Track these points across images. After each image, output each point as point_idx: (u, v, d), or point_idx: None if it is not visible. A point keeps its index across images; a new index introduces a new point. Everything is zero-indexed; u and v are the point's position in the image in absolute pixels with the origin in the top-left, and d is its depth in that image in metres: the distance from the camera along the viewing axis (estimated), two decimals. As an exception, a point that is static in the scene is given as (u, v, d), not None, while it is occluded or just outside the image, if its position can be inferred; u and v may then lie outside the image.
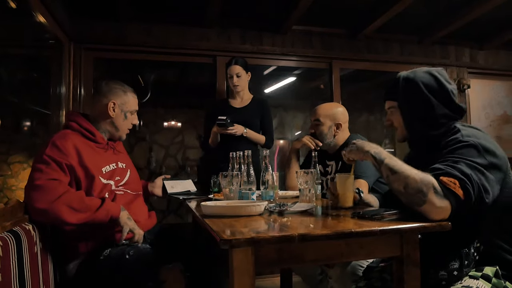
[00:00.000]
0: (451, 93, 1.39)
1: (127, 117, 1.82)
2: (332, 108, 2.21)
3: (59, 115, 2.95)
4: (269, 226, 1.22)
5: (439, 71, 1.42)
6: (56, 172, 1.51)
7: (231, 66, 2.82)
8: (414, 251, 1.15)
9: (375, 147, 1.34)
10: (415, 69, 1.45)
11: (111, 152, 1.80)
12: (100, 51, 3.22)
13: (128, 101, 1.81)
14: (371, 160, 1.32)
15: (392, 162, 1.25)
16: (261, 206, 1.38)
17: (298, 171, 1.64)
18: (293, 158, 2.34)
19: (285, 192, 2.14)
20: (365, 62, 3.83)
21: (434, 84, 1.38)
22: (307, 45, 3.62)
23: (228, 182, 1.70)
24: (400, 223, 1.14)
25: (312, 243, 1.06)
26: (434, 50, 3.99)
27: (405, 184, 1.18)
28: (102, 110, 1.77)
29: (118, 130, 1.81)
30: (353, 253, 1.12)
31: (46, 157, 1.52)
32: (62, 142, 1.58)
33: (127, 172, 1.82)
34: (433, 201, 1.14)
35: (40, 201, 1.43)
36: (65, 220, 1.44)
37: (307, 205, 1.51)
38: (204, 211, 1.40)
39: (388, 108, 1.50)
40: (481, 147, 1.22)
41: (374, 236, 1.11)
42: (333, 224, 1.20)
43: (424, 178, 1.16)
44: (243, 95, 2.91)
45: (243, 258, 0.99)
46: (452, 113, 1.37)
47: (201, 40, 3.35)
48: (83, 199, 1.50)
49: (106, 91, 1.78)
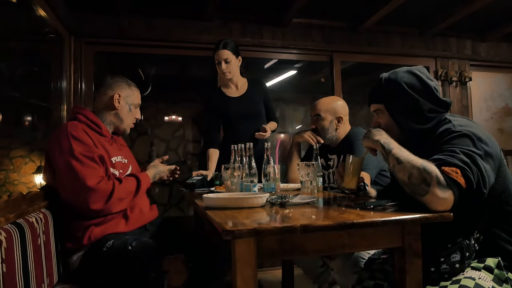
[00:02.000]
0: (434, 89, 1.41)
1: (131, 110, 1.86)
2: (332, 102, 2.21)
3: (60, 110, 2.95)
4: (271, 217, 1.23)
5: (420, 69, 1.45)
6: (95, 170, 1.56)
7: (218, 51, 2.48)
8: (415, 242, 1.15)
9: (386, 137, 1.35)
10: (396, 69, 1.47)
11: (115, 146, 1.84)
12: (101, 45, 3.21)
13: (132, 94, 1.86)
14: (380, 149, 1.32)
15: (399, 152, 1.26)
16: (263, 198, 1.39)
17: (299, 163, 1.64)
18: (295, 151, 2.34)
19: (287, 185, 2.14)
20: (366, 55, 3.82)
21: (416, 82, 1.40)
22: (307, 38, 3.61)
23: (230, 175, 1.70)
24: (402, 214, 1.14)
25: (314, 234, 1.07)
26: (436, 42, 3.97)
27: (409, 174, 1.19)
28: (107, 102, 1.81)
29: (123, 122, 1.85)
30: (355, 244, 1.13)
31: (79, 154, 1.56)
32: (79, 133, 1.62)
33: (129, 167, 1.85)
34: (436, 192, 1.14)
35: (96, 203, 1.54)
36: (113, 211, 1.61)
37: (308, 197, 1.51)
38: (206, 203, 1.40)
39: (374, 111, 1.51)
40: (474, 137, 1.23)
41: (376, 227, 1.11)
42: (335, 215, 1.20)
43: (427, 168, 1.17)
44: (236, 82, 2.62)
45: (246, 249, 0.99)
46: (438, 108, 1.39)
47: (202, 34, 3.34)
48: (126, 188, 1.64)
49: (111, 84, 1.83)
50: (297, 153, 2.34)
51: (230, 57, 2.48)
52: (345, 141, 2.17)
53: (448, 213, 1.14)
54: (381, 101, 1.46)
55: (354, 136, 2.12)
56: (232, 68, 2.52)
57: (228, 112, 2.57)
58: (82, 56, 3.11)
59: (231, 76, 2.55)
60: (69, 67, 3.03)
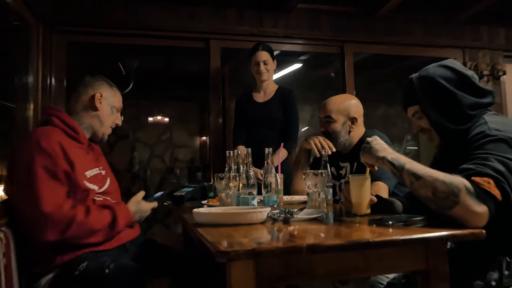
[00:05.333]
0: (472, 78, 1.44)
1: (113, 113, 1.90)
2: (345, 101, 2.21)
3: (26, 109, 2.95)
4: (272, 235, 1.22)
5: (452, 61, 1.49)
6: (54, 190, 1.54)
7: (257, 52, 2.92)
8: (442, 264, 1.15)
9: (391, 152, 1.36)
10: (426, 67, 1.51)
11: (92, 155, 1.85)
12: (74, 34, 3.22)
13: (114, 96, 1.91)
14: (389, 168, 1.33)
15: (414, 167, 1.26)
16: (263, 212, 1.38)
17: (305, 172, 1.64)
18: (303, 159, 2.32)
19: (291, 197, 2.14)
20: (382, 46, 3.83)
21: (451, 74, 1.44)
22: (314, 26, 3.62)
23: (224, 186, 1.70)
24: (425, 230, 1.14)
25: (322, 256, 1.06)
26: (464, 30, 3.99)
27: (433, 189, 1.19)
28: (87, 103, 1.84)
29: (103, 125, 1.87)
30: (371, 267, 1.13)
31: (40, 168, 1.55)
32: (48, 143, 1.60)
33: (107, 179, 1.86)
34: (467, 201, 1.14)
35: (51, 233, 1.50)
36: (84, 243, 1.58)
37: (316, 211, 1.51)
38: (197, 219, 1.40)
39: (413, 115, 1.55)
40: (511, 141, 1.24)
41: (395, 247, 1.11)
42: (347, 233, 1.20)
43: (453, 180, 1.17)
44: (266, 87, 3.01)
45: (243, 273, 0.99)
46: (480, 100, 1.42)
47: (192, 21, 3.35)
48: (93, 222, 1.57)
49: (92, 82, 1.87)
50: (306, 162, 2.32)
51: (268, 59, 2.93)
52: (359, 147, 2.14)
53: (479, 230, 1.13)
54: (416, 102, 1.50)
55: (369, 140, 2.11)
56: (269, 69, 2.95)
57: (247, 116, 2.99)
58: (52, 47, 3.12)
59: (267, 77, 2.96)
60: (37, 60, 3.03)
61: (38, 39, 3.05)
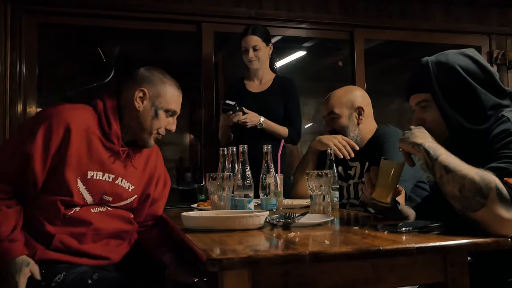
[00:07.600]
0: (495, 76, 1.43)
1: (158, 116, 1.76)
2: (346, 93, 2.23)
3: (-8, 100, 2.95)
4: (271, 242, 1.23)
5: (473, 51, 1.47)
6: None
7: (246, 37, 2.86)
8: (462, 276, 1.15)
9: (431, 141, 1.35)
10: (444, 52, 1.49)
11: (119, 162, 1.75)
12: (47, 15, 3.23)
13: (164, 94, 1.77)
14: (423, 156, 1.32)
15: (448, 159, 1.26)
16: (261, 217, 1.39)
17: (309, 172, 1.64)
18: (311, 161, 2.30)
19: (292, 201, 2.15)
20: (397, 31, 3.85)
21: (474, 67, 1.43)
22: (321, 8, 3.63)
23: (217, 187, 1.70)
24: (443, 238, 1.14)
25: (327, 265, 1.06)
26: (490, 14, 3.99)
27: (460, 185, 1.19)
28: (128, 100, 1.75)
29: (144, 131, 1.76)
30: (382, 279, 1.12)
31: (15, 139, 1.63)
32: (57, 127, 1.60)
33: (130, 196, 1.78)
34: (495, 206, 1.14)
35: None
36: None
37: (320, 216, 1.52)
38: (186, 224, 1.40)
39: (417, 104, 1.51)
40: None
41: (409, 256, 1.11)
42: (356, 240, 1.21)
43: (485, 177, 1.17)
44: (262, 76, 2.97)
45: (237, 283, 0.99)
46: (501, 101, 1.41)
47: (182, 2, 3.35)
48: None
49: (139, 76, 1.80)
50: (314, 165, 2.30)
51: (259, 44, 2.85)
52: (371, 144, 2.17)
53: (505, 239, 1.14)
54: (429, 90, 1.47)
55: (383, 136, 2.12)
56: (260, 57, 2.86)
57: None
58: (22, 30, 3.11)
59: (259, 65, 2.90)
60: (4, 44, 3.03)
61: (6, 20, 3.05)
